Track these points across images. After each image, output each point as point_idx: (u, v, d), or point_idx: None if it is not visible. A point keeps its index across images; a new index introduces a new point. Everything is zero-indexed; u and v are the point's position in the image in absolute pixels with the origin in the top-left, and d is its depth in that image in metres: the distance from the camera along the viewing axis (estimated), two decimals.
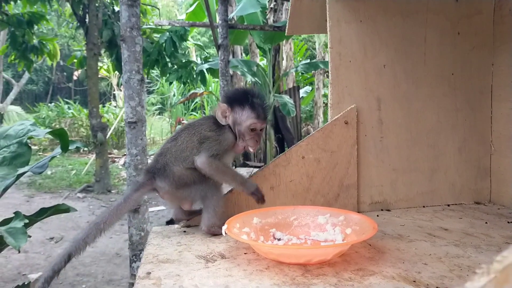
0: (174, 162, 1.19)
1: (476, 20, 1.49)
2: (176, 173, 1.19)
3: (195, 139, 1.22)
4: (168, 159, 1.20)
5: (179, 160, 1.19)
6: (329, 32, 1.38)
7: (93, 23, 6.78)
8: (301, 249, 1.02)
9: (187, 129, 1.26)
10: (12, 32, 6.90)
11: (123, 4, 2.77)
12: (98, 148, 6.95)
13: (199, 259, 1.05)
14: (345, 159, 1.40)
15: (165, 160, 1.20)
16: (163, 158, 1.21)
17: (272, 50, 7.49)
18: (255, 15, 6.61)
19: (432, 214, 1.41)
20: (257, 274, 0.95)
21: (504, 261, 0.41)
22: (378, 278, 0.92)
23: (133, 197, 1.20)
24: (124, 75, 2.79)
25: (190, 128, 1.26)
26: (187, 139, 1.22)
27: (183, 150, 1.21)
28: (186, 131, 1.25)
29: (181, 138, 1.23)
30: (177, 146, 1.22)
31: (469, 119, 1.51)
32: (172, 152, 1.21)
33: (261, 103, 1.24)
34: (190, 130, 1.25)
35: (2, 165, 2.72)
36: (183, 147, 1.21)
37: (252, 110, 1.23)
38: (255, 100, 1.23)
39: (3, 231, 2.41)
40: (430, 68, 1.47)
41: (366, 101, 1.43)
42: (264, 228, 1.19)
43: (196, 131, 1.24)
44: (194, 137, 1.23)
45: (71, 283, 4.01)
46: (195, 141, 1.21)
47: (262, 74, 7.26)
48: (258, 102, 1.24)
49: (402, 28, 1.44)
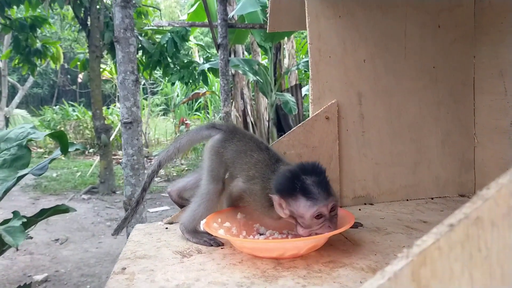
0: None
1: (456, 12, 1.49)
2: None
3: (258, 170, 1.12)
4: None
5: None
6: (308, 28, 1.39)
7: (95, 25, 6.82)
8: (270, 243, 1.03)
9: (265, 155, 1.14)
10: (15, 36, 6.97)
11: (117, 6, 2.80)
12: (102, 150, 7.00)
13: (175, 254, 1.07)
14: (327, 154, 1.41)
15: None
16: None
17: (273, 48, 7.49)
18: (255, 13, 6.61)
19: (414, 207, 1.41)
20: (230, 268, 0.97)
21: (422, 245, 0.42)
22: (347, 270, 0.93)
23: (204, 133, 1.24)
24: (119, 76, 2.82)
25: (267, 158, 1.13)
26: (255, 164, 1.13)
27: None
28: (263, 155, 1.14)
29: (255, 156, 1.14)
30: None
31: (451, 112, 1.51)
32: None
33: (317, 180, 1.00)
34: (266, 160, 1.13)
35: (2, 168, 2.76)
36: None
37: (307, 196, 0.99)
38: (307, 182, 0.99)
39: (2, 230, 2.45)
40: (411, 62, 1.47)
41: (347, 96, 1.43)
42: (248, 223, 1.20)
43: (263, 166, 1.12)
44: (258, 167, 1.12)
45: (75, 284, 4.04)
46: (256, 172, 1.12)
47: (263, 73, 7.26)
48: (312, 181, 1.00)
49: (381, 22, 1.44)
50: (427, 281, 0.41)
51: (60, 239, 5.20)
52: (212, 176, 1.17)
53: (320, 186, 0.99)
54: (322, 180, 1.01)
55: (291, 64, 8.47)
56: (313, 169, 1.02)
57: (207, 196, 1.16)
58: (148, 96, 12.05)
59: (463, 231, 0.41)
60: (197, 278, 0.92)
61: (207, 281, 0.90)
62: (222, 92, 5.26)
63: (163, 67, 7.72)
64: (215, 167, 1.17)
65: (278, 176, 1.05)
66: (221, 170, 1.17)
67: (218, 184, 1.17)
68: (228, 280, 0.90)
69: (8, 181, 2.86)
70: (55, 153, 3.52)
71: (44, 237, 5.09)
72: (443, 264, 0.41)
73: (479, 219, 0.42)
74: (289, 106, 6.89)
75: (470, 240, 0.41)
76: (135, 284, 0.90)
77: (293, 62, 8.55)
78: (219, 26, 5.09)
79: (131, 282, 0.91)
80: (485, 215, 0.41)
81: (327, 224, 1.00)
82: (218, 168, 1.17)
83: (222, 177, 1.18)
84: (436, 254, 0.41)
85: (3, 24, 6.75)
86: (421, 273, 0.41)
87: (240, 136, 1.19)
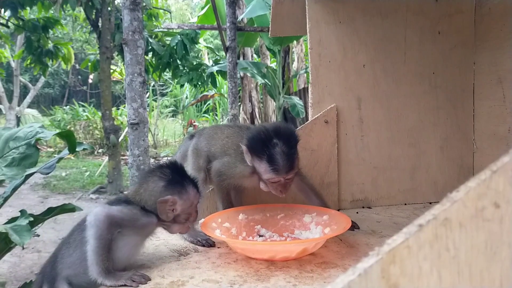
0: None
1: (456, 19, 1.50)
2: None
3: (229, 142, 1.22)
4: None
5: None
6: (309, 33, 1.41)
7: (106, 27, 6.90)
8: (259, 245, 1.05)
9: (236, 128, 1.25)
10: (28, 37, 7.06)
11: (125, 8, 2.84)
12: (111, 150, 7.06)
13: (173, 253, 1.10)
14: (326, 158, 1.43)
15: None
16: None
17: (282, 51, 7.52)
18: (264, 17, 6.63)
19: (412, 212, 1.42)
20: (224, 267, 0.99)
21: (392, 244, 0.44)
22: (339, 270, 0.95)
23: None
24: (126, 77, 2.86)
25: (237, 131, 1.24)
26: (226, 138, 1.24)
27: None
28: (233, 129, 1.25)
29: (226, 131, 1.26)
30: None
31: (450, 117, 1.53)
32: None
33: (285, 151, 1.05)
34: (236, 132, 1.23)
35: (11, 166, 2.81)
36: (223, 142, 1.24)
37: (271, 164, 1.06)
38: (276, 149, 1.05)
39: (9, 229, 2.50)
40: (410, 67, 1.49)
41: (346, 100, 1.45)
42: (249, 224, 1.22)
43: (235, 138, 1.22)
44: (230, 140, 1.22)
45: None
46: (228, 144, 1.23)
47: (272, 76, 7.28)
48: (280, 150, 1.05)
49: (381, 28, 1.46)
50: (396, 279, 0.43)
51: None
52: (194, 169, 1.27)
53: (286, 156, 1.05)
54: (290, 150, 1.05)
55: (299, 67, 8.48)
56: (286, 134, 1.07)
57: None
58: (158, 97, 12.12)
59: (431, 231, 0.43)
60: (191, 275, 0.94)
61: (201, 278, 0.92)
62: (230, 95, 5.30)
63: (172, 69, 7.78)
64: (195, 161, 1.28)
65: (253, 130, 1.12)
66: (200, 160, 1.27)
67: (201, 173, 1.26)
68: (221, 278, 0.92)
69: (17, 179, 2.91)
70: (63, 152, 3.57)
71: (51, 235, 5.14)
72: (412, 262, 0.43)
73: (447, 220, 0.43)
74: (296, 110, 6.90)
75: (439, 240, 0.43)
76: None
77: (302, 66, 8.56)
78: (228, 29, 5.13)
79: None
80: (453, 216, 0.43)
81: (279, 189, 1.10)
82: (197, 160, 1.28)
83: (203, 166, 1.27)
84: (405, 252, 0.43)
85: (16, 24, 6.85)
86: (391, 270, 0.43)
87: (207, 129, 1.34)
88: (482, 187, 0.44)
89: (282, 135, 1.06)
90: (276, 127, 1.08)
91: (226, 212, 1.22)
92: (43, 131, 3.02)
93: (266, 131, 1.07)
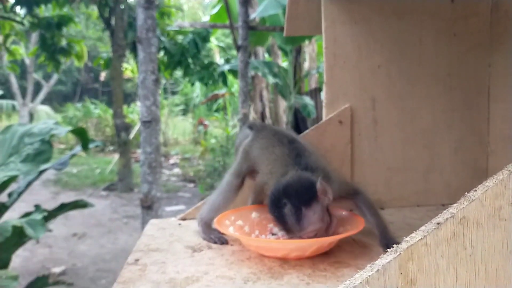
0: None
1: (472, 21, 1.49)
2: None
3: (276, 166, 1.12)
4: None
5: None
6: (324, 33, 1.42)
7: (119, 25, 6.95)
8: (273, 243, 1.06)
9: (285, 149, 1.15)
10: (42, 35, 7.15)
11: (140, 7, 2.87)
12: (122, 148, 7.13)
13: (187, 249, 1.11)
14: (339, 158, 1.43)
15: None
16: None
17: (293, 51, 7.52)
18: (276, 16, 6.64)
19: (425, 213, 1.42)
20: (238, 264, 1.00)
21: (410, 241, 0.45)
22: (352, 270, 0.95)
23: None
24: (139, 75, 2.89)
25: (286, 154, 1.13)
26: (274, 161, 1.14)
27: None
28: (281, 150, 1.15)
29: (276, 151, 1.16)
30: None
31: (465, 120, 1.52)
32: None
33: (293, 210, 0.96)
34: (283, 157, 1.13)
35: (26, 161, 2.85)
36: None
37: (280, 225, 1.03)
38: (283, 210, 0.98)
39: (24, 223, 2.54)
40: (425, 69, 1.48)
41: (360, 100, 1.45)
42: (262, 222, 1.23)
43: (279, 164, 1.12)
44: (277, 164, 1.12)
45: (91, 278, 4.14)
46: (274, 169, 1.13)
47: (283, 75, 7.29)
48: (289, 210, 0.97)
49: (397, 29, 1.46)
50: (414, 275, 0.44)
51: (78, 233, 5.31)
52: (235, 170, 1.23)
53: (294, 217, 0.97)
54: (298, 210, 0.96)
55: (311, 67, 8.48)
56: (296, 191, 0.98)
57: (227, 187, 1.22)
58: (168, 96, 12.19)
59: (449, 229, 0.44)
60: (206, 271, 0.95)
61: (215, 274, 0.93)
62: (241, 94, 5.32)
63: (183, 68, 7.82)
64: (240, 163, 1.23)
65: (271, 190, 1.05)
66: (244, 166, 1.22)
67: (238, 179, 1.22)
68: (235, 275, 0.93)
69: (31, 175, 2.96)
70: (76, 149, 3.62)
71: (62, 231, 5.21)
72: (429, 259, 0.44)
73: (465, 218, 0.44)
74: (307, 110, 6.91)
75: (456, 238, 0.43)
76: (147, 274, 0.94)
77: (313, 66, 8.56)
78: (240, 28, 5.14)
79: (143, 272, 0.95)
80: (470, 215, 0.44)
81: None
82: (242, 164, 1.23)
83: (244, 173, 1.22)
84: (423, 250, 0.44)
85: (31, 22, 6.93)
86: (408, 267, 0.44)
87: (265, 133, 1.24)
88: (499, 186, 0.45)
89: (290, 191, 0.98)
90: (285, 184, 1.01)
91: (239, 210, 1.23)
92: (57, 127, 3.07)
93: (274, 191, 1.01)
